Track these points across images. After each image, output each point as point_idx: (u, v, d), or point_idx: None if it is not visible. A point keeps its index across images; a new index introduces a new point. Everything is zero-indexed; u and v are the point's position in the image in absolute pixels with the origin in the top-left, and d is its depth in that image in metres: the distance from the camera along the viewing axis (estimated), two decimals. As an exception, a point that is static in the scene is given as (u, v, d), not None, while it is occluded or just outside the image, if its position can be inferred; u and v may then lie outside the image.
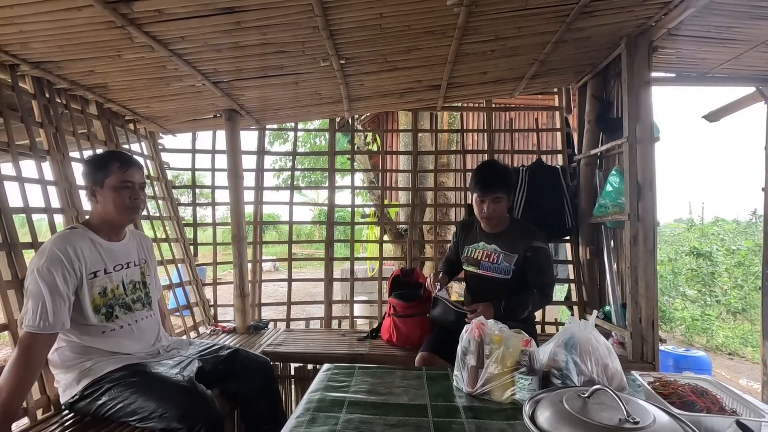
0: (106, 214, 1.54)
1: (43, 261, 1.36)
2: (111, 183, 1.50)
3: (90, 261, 1.48)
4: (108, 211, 1.52)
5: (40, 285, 1.34)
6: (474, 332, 1.27)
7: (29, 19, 1.51)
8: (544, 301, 1.99)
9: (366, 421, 1.07)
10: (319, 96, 2.62)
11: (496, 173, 1.95)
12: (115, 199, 1.50)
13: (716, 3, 1.82)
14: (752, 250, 6.53)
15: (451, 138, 4.96)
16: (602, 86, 2.66)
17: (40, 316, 1.32)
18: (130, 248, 1.66)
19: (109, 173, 1.50)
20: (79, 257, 1.44)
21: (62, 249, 1.40)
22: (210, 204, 3.21)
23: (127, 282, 1.61)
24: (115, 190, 1.50)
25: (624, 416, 0.85)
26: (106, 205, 1.51)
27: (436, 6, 1.66)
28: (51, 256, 1.37)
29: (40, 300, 1.33)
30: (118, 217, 1.54)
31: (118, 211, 1.51)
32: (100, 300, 1.51)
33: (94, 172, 1.52)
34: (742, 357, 4.82)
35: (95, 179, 1.51)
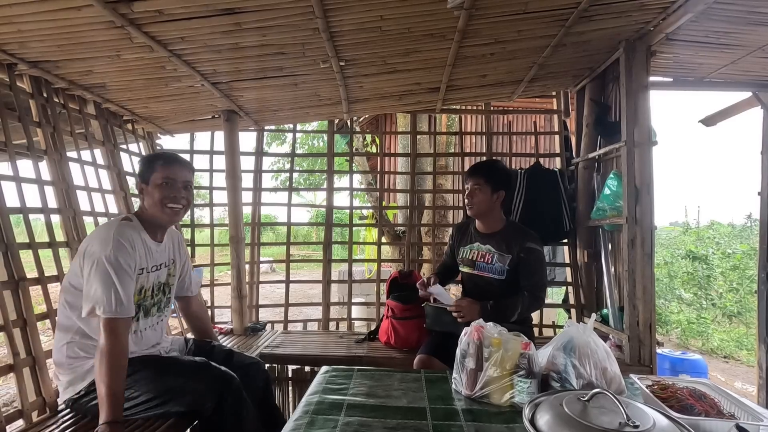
0: (150, 212, 1.56)
1: (110, 248, 1.37)
2: (155, 180, 1.53)
3: (140, 256, 1.49)
4: (151, 208, 1.54)
5: (109, 272, 1.34)
6: (473, 335, 1.27)
7: (28, 18, 1.50)
8: (534, 304, 1.97)
9: (365, 423, 1.07)
10: (318, 97, 2.61)
11: (483, 163, 2.05)
12: (156, 196, 1.52)
13: (714, 8, 1.83)
14: (747, 253, 6.58)
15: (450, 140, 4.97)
16: (600, 90, 2.67)
17: (116, 302, 1.33)
18: (166, 250, 1.66)
19: (154, 170, 1.53)
20: (135, 249, 1.45)
21: (125, 238, 1.42)
22: (208, 205, 3.20)
23: (156, 284, 1.61)
24: (157, 187, 1.52)
25: (624, 420, 0.85)
26: (150, 203, 1.54)
27: (436, 9, 1.66)
28: (116, 244, 1.38)
29: (112, 287, 1.33)
30: (160, 215, 1.55)
31: (159, 208, 1.53)
32: (137, 297, 1.51)
33: (143, 170, 1.56)
34: (737, 360, 4.84)
35: (143, 177, 1.55)
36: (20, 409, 1.55)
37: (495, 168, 2.07)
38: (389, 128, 6.51)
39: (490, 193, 1.99)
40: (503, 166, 2.20)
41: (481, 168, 2.05)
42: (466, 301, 1.93)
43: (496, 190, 2.00)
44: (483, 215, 2.05)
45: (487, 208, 2.01)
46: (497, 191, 2.01)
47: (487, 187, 1.98)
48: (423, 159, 3.94)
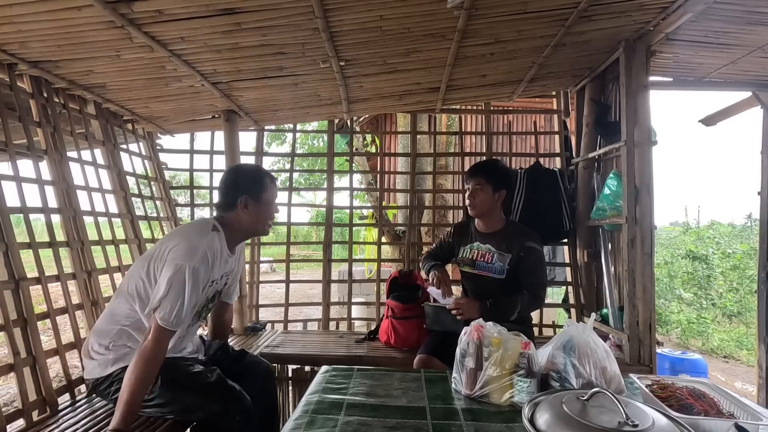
0: (246, 226, 1.56)
1: (196, 260, 1.36)
2: (266, 198, 1.56)
3: (216, 269, 1.49)
4: (253, 222, 1.55)
5: (185, 283, 1.33)
6: (473, 334, 1.27)
7: (28, 18, 1.50)
8: (534, 303, 1.97)
9: (365, 423, 1.07)
10: (318, 97, 2.62)
11: (484, 163, 2.06)
12: (265, 214, 1.57)
13: (714, 8, 1.83)
14: (747, 253, 6.58)
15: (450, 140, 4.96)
16: (600, 90, 2.67)
17: (175, 314, 1.33)
18: (233, 260, 1.64)
19: (266, 188, 1.56)
20: (215, 263, 1.46)
21: (212, 252, 1.42)
22: (208, 205, 3.20)
23: (217, 291, 1.61)
24: (267, 205, 1.57)
25: (623, 419, 0.85)
26: (255, 217, 1.55)
27: (436, 9, 1.66)
28: (202, 258, 1.38)
29: (181, 298, 1.33)
30: (260, 229, 1.60)
31: (263, 224, 1.58)
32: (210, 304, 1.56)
33: (252, 185, 1.55)
34: (737, 360, 4.84)
35: (252, 191, 1.54)
36: (20, 408, 1.55)
37: (496, 167, 2.08)
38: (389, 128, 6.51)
39: (492, 192, 2.00)
40: (503, 165, 2.21)
41: (482, 168, 2.06)
42: (466, 299, 1.94)
43: (498, 190, 2.01)
44: (485, 215, 2.05)
45: (488, 207, 2.02)
46: (498, 191, 2.01)
47: (489, 187, 1.99)
48: (423, 159, 3.94)
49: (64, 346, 1.82)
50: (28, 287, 1.70)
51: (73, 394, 1.78)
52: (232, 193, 1.54)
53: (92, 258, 2.08)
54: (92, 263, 2.07)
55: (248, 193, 1.53)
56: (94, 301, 2.03)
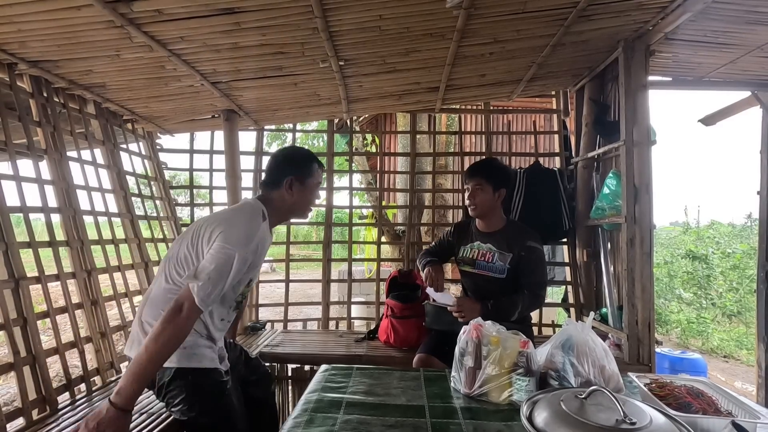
0: (292, 207, 1.56)
1: (247, 248, 1.33)
2: (312, 182, 1.57)
3: (262, 252, 1.48)
4: (295, 203, 1.55)
5: (233, 266, 1.29)
6: (472, 333, 1.27)
7: (28, 17, 1.51)
8: (535, 302, 1.97)
9: (364, 421, 1.07)
10: (317, 97, 2.62)
11: (483, 163, 2.06)
12: (309, 197, 1.58)
13: (713, 8, 1.84)
14: (747, 253, 6.58)
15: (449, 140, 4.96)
16: (599, 89, 2.68)
17: (212, 296, 1.28)
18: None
19: (312, 173, 1.57)
20: (262, 252, 1.46)
21: (260, 241, 1.40)
22: (208, 204, 3.20)
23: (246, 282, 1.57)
24: (313, 188, 1.58)
25: (621, 417, 0.86)
26: (298, 199, 1.55)
27: (435, 8, 1.67)
28: (252, 247, 1.36)
29: (222, 281, 1.28)
30: (301, 213, 1.61)
31: (305, 208, 1.60)
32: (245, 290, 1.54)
33: (299, 167, 1.55)
34: (737, 360, 4.84)
35: (299, 174, 1.54)
36: (20, 407, 1.56)
37: (494, 167, 2.08)
38: (389, 128, 6.52)
39: (492, 192, 1.99)
40: (502, 164, 2.21)
41: (481, 168, 2.05)
42: (467, 300, 1.93)
43: (498, 189, 2.01)
44: (485, 215, 2.05)
45: (489, 207, 2.02)
46: (498, 190, 2.01)
47: (489, 187, 1.98)
48: (422, 158, 3.94)
49: (64, 345, 1.83)
50: (28, 286, 1.71)
51: (72, 393, 1.79)
52: (279, 172, 1.54)
53: (92, 257, 2.08)
54: (92, 263, 2.07)
55: (295, 174, 1.53)
56: (94, 301, 2.03)
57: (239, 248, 1.30)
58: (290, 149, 1.70)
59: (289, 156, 1.61)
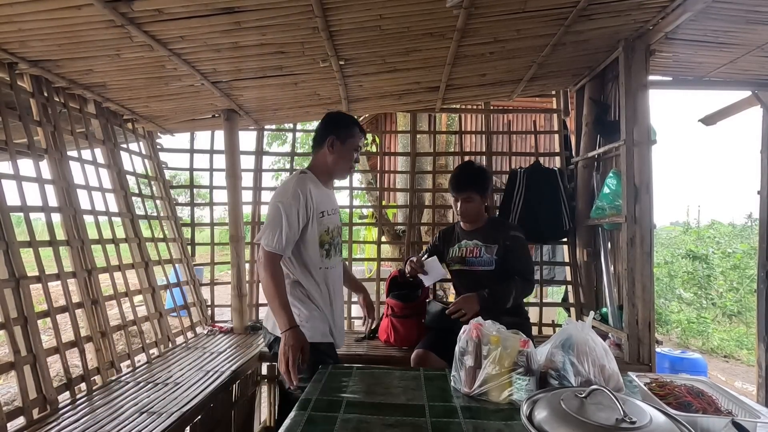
0: (332, 165, 1.72)
1: (288, 196, 1.56)
2: (352, 143, 1.72)
3: (319, 201, 1.63)
4: (335, 162, 1.71)
5: (282, 215, 1.53)
6: (472, 333, 1.27)
7: (28, 17, 1.51)
8: (527, 288, 2.05)
9: (364, 421, 1.07)
10: (318, 97, 2.62)
11: (468, 175, 2.10)
12: (348, 157, 1.72)
13: (713, 7, 1.83)
14: (748, 253, 6.57)
15: (449, 139, 4.97)
16: (600, 89, 2.67)
17: (277, 239, 1.52)
18: (334, 196, 1.83)
19: (353, 134, 1.72)
20: (312, 198, 1.60)
21: (302, 189, 1.58)
22: (208, 204, 3.20)
23: (337, 225, 1.77)
24: (351, 150, 1.72)
25: (621, 416, 0.85)
26: (338, 158, 1.71)
27: (435, 8, 1.67)
28: (293, 193, 1.57)
29: (279, 227, 1.53)
30: (342, 171, 1.76)
31: (345, 166, 1.74)
32: (326, 236, 1.67)
33: (341, 128, 1.71)
34: (737, 360, 4.84)
35: (340, 134, 1.69)
36: (21, 406, 1.56)
37: (480, 176, 2.09)
38: (389, 127, 6.51)
39: (480, 200, 2.09)
40: (482, 167, 2.20)
41: (468, 181, 2.06)
42: (463, 297, 1.94)
43: (484, 195, 2.11)
44: (475, 220, 2.13)
45: (479, 213, 2.12)
46: (485, 195, 2.12)
47: (477, 196, 2.07)
48: (423, 158, 3.94)
49: (65, 344, 1.83)
50: (28, 286, 1.71)
51: (73, 392, 1.79)
52: (323, 132, 1.72)
53: (92, 257, 2.08)
54: (92, 262, 2.07)
55: (336, 134, 1.69)
56: (94, 300, 2.03)
57: (282, 198, 1.57)
58: (336, 113, 1.83)
59: (334, 118, 1.76)
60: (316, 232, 1.62)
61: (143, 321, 2.35)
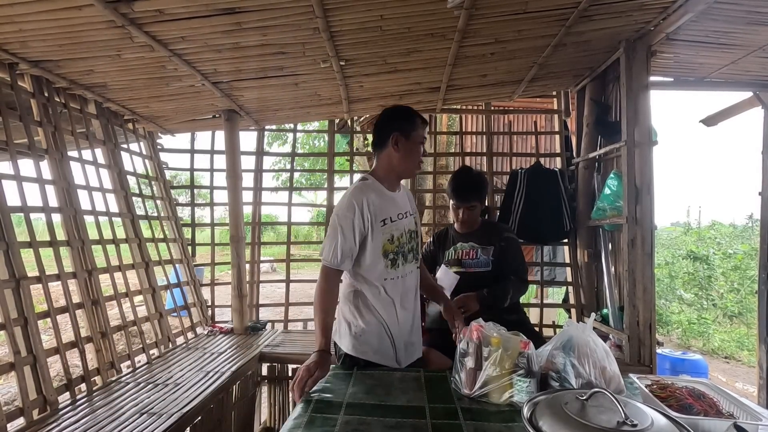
0: (399, 165, 1.58)
1: (343, 208, 1.51)
2: (416, 137, 1.57)
3: (379, 209, 1.53)
4: (401, 160, 1.57)
5: (337, 227, 1.49)
6: (472, 334, 1.27)
7: (29, 17, 1.51)
8: (522, 287, 2.08)
9: (364, 422, 1.07)
10: (318, 97, 2.62)
11: (470, 184, 2.09)
12: (415, 152, 1.58)
13: (714, 8, 1.83)
14: (748, 254, 6.56)
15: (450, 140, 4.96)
16: (601, 90, 2.67)
17: (332, 253, 1.49)
18: (405, 198, 1.69)
19: (416, 127, 1.56)
20: (369, 207, 1.51)
21: (357, 199, 1.50)
22: (208, 204, 3.20)
23: (406, 231, 1.62)
24: (417, 144, 1.58)
25: (622, 419, 0.85)
26: (405, 156, 1.56)
27: (436, 9, 1.67)
28: (348, 205, 1.50)
29: (335, 240, 1.49)
30: (410, 170, 1.62)
31: (413, 164, 1.59)
32: (389, 246, 1.55)
33: (403, 122, 1.56)
34: (738, 360, 4.83)
35: (403, 128, 1.55)
36: (21, 407, 1.56)
37: (482, 185, 2.12)
38: (390, 128, 6.49)
39: (480, 206, 2.12)
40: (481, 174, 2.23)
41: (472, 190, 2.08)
42: (463, 296, 1.95)
43: (483, 201, 2.15)
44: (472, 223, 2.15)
45: (477, 218, 2.14)
46: (483, 201, 2.15)
47: (479, 203, 2.10)
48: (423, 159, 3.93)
49: (65, 345, 1.83)
50: (28, 286, 1.71)
51: (73, 393, 1.79)
52: (383, 130, 1.58)
53: (93, 257, 2.08)
54: (93, 262, 2.07)
55: (400, 130, 1.55)
56: (95, 301, 2.03)
57: (338, 210, 1.53)
58: (392, 107, 1.70)
59: (394, 113, 1.62)
60: (378, 242, 1.52)
61: (143, 321, 2.35)
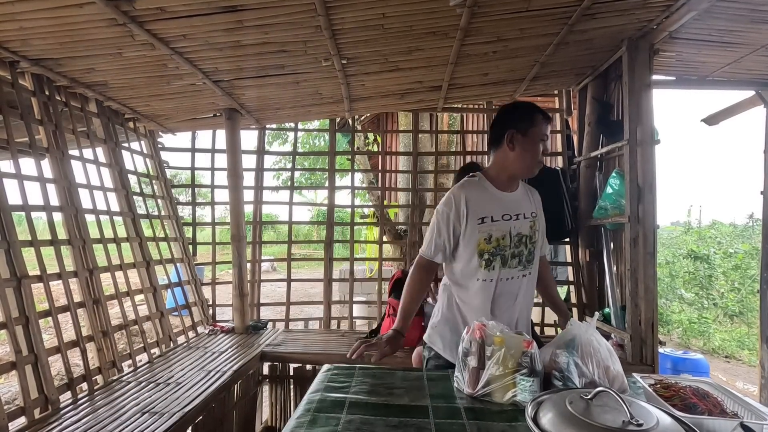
0: (514, 163, 1.49)
1: (443, 202, 1.53)
2: (535, 134, 1.46)
3: (479, 207, 1.49)
4: (517, 159, 1.48)
5: (435, 221, 1.53)
6: (475, 333, 1.26)
7: (30, 15, 1.50)
8: None
9: (367, 422, 1.07)
10: (319, 96, 2.61)
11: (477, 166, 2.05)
12: (531, 151, 1.47)
13: (717, 6, 1.82)
14: (749, 253, 6.56)
15: (451, 139, 4.96)
16: (603, 89, 2.66)
17: (427, 245, 1.53)
18: (522, 200, 1.58)
19: (535, 123, 1.46)
20: (467, 203, 1.49)
21: (456, 195, 1.50)
22: (209, 203, 3.20)
23: (514, 234, 1.52)
24: (536, 142, 1.47)
25: (627, 418, 0.85)
26: (521, 154, 1.47)
27: (438, 7, 1.66)
28: (447, 200, 1.52)
29: (433, 233, 1.53)
30: (528, 169, 1.51)
31: (531, 162, 1.49)
32: (485, 246, 1.49)
33: (519, 119, 1.47)
34: (738, 360, 4.83)
35: (519, 126, 1.46)
36: (22, 406, 1.55)
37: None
38: (391, 127, 6.50)
39: None
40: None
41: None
42: None
43: None
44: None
45: None
46: None
47: None
48: (424, 158, 3.93)
49: (66, 344, 1.82)
50: (29, 285, 1.70)
51: (74, 392, 1.78)
52: (499, 127, 1.51)
53: (94, 256, 2.08)
54: (94, 261, 2.07)
55: (516, 127, 1.46)
56: (96, 300, 2.03)
57: (439, 206, 1.54)
58: (511, 103, 1.62)
59: (510, 109, 1.54)
60: (473, 239, 1.48)
61: (144, 320, 2.35)
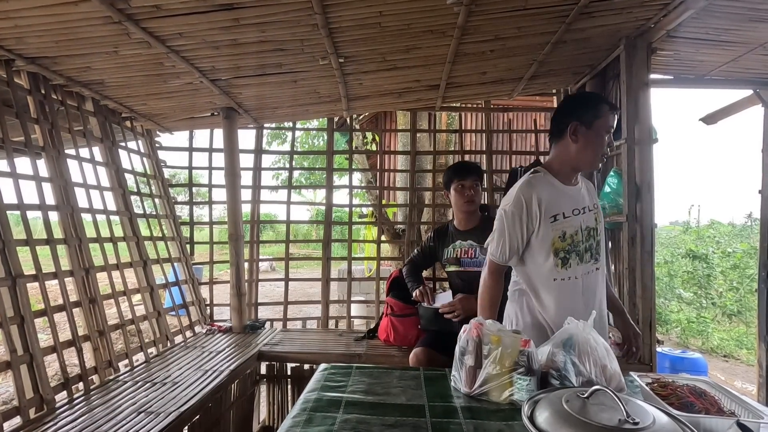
0: (576, 156, 1.44)
1: (509, 204, 1.45)
2: (600, 125, 1.40)
3: (549, 204, 1.43)
4: (580, 151, 1.43)
5: (503, 223, 1.46)
6: (472, 332, 1.26)
7: (25, 13, 1.50)
8: None
9: (363, 421, 1.06)
10: (317, 95, 2.61)
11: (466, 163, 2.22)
12: (598, 143, 1.42)
13: (715, 5, 1.82)
14: (747, 252, 6.57)
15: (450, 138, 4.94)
16: (601, 87, 2.65)
17: (498, 248, 1.48)
18: (583, 193, 1.54)
19: (600, 114, 1.40)
20: (538, 202, 1.42)
21: (525, 194, 1.43)
22: (207, 203, 3.19)
23: (583, 228, 1.48)
24: (601, 135, 1.41)
25: (624, 417, 0.84)
26: (584, 147, 1.42)
27: (435, 5, 1.65)
28: (515, 200, 1.45)
29: (502, 236, 1.46)
30: (589, 161, 1.45)
31: (595, 155, 1.44)
32: (560, 244, 1.44)
33: (583, 110, 1.42)
34: (737, 359, 4.84)
35: (583, 117, 1.40)
36: (17, 406, 1.55)
37: (477, 166, 2.24)
38: (389, 126, 6.50)
39: (480, 187, 2.16)
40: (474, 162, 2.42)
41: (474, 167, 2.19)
42: (460, 297, 1.95)
43: (482, 180, 2.21)
44: (475, 211, 2.16)
45: (477, 206, 2.16)
46: (482, 181, 2.22)
47: (479, 181, 2.14)
48: (423, 157, 3.93)
49: (62, 343, 1.82)
50: (25, 284, 1.69)
51: (70, 392, 1.78)
52: (562, 118, 1.45)
53: (90, 256, 2.07)
54: (90, 261, 2.06)
55: (579, 118, 1.40)
56: (92, 299, 2.02)
57: (505, 206, 1.48)
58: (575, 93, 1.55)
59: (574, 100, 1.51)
60: (547, 239, 1.43)
61: (141, 320, 2.34)
